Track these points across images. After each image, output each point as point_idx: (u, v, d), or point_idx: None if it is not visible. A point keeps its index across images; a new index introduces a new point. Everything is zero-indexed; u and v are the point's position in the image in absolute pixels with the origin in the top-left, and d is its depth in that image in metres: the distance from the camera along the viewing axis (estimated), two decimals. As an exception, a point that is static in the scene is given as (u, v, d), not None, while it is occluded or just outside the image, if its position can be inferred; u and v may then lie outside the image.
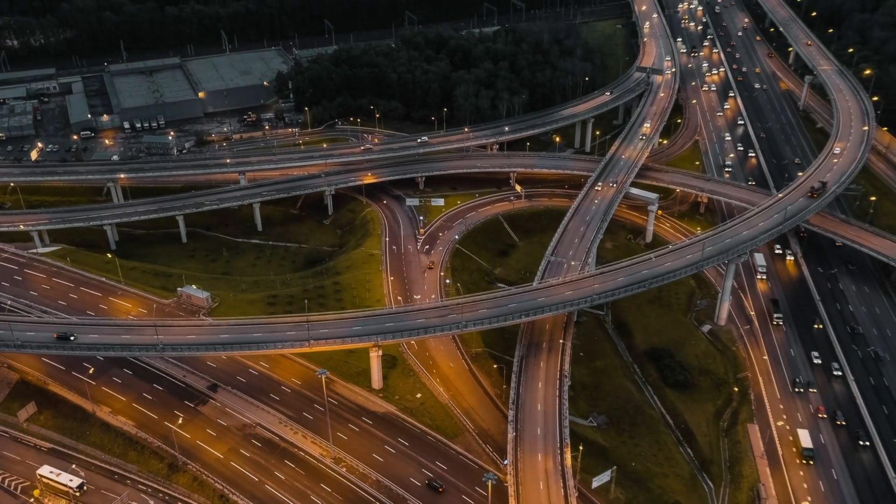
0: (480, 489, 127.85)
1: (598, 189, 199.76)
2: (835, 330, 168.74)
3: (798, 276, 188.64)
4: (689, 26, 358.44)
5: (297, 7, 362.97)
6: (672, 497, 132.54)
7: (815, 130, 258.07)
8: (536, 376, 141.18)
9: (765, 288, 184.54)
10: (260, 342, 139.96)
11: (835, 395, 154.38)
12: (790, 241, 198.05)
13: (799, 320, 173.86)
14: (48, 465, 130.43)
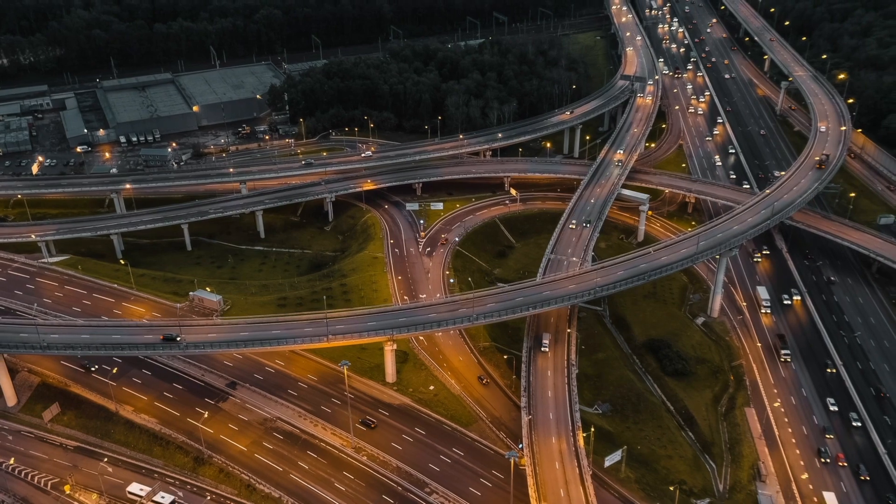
0: (497, 472, 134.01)
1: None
2: (823, 323, 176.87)
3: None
4: (672, 47, 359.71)
5: (284, 23, 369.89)
6: (677, 476, 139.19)
7: (792, 133, 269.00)
8: (545, 366, 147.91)
9: (769, 322, 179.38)
10: (279, 338, 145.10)
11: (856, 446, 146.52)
12: (775, 237, 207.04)
13: (807, 358, 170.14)
14: (137, 483, 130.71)
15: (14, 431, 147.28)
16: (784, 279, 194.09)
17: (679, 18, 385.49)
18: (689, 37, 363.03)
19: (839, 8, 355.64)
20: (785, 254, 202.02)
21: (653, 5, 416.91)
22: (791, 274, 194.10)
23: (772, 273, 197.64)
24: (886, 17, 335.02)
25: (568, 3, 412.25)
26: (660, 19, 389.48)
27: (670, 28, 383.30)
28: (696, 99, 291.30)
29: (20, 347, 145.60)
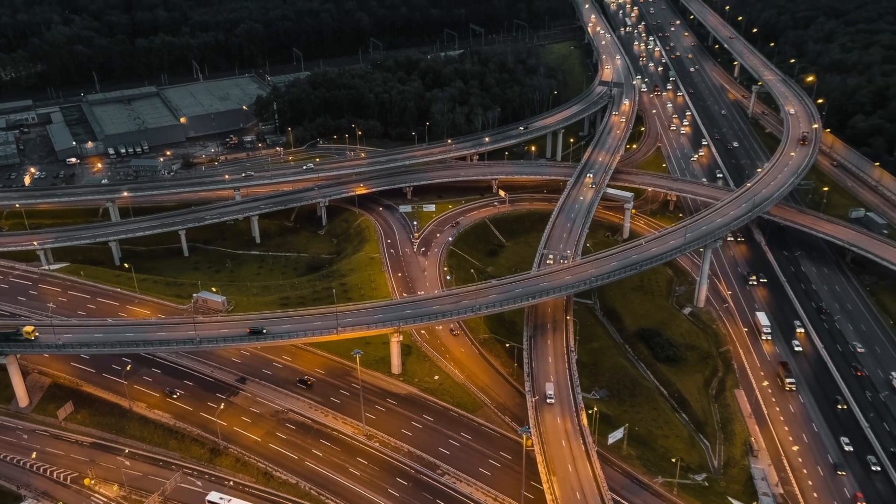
0: (505, 453, 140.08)
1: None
2: (802, 306, 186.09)
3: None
4: (649, 66, 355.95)
5: (265, 36, 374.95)
6: (675, 454, 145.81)
7: (764, 135, 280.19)
8: (546, 352, 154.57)
9: (771, 349, 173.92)
10: (291, 332, 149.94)
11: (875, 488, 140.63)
12: (753, 231, 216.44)
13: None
14: (216, 492, 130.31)
15: (29, 430, 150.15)
16: (764, 271, 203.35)
17: (654, 37, 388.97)
18: (666, 55, 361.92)
19: (802, 16, 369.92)
20: (763, 246, 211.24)
21: (627, 21, 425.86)
22: (771, 266, 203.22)
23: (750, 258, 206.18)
24: (847, 24, 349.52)
25: (542, 15, 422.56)
26: (635, 37, 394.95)
27: (647, 47, 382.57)
28: (679, 119, 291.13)
29: (35, 347, 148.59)
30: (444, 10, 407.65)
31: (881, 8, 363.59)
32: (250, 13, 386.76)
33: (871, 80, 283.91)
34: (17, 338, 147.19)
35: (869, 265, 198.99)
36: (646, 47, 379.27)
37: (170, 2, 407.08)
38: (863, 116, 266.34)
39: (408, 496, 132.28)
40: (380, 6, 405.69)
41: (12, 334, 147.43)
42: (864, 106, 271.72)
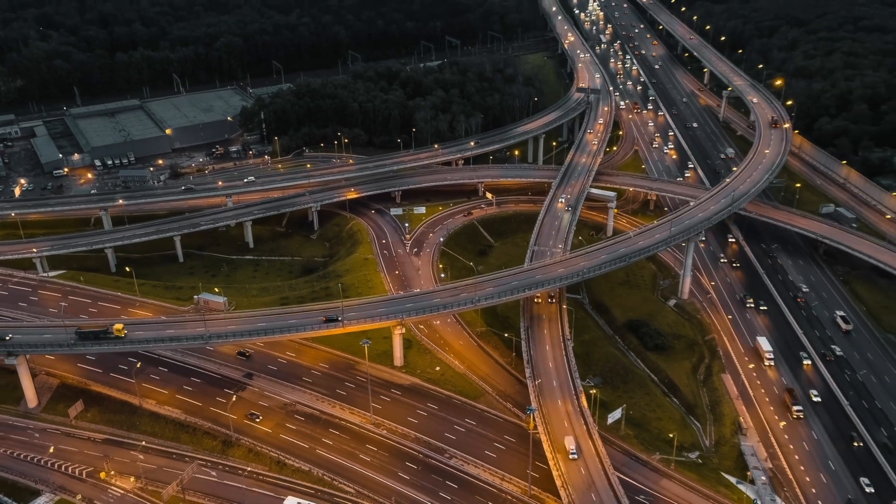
0: (508, 437, 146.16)
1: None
2: (783, 300, 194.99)
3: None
4: (628, 84, 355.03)
5: (244, 50, 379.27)
6: (668, 434, 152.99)
7: (736, 137, 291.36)
8: (543, 340, 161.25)
9: (775, 375, 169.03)
10: (297, 326, 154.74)
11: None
12: (731, 227, 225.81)
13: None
14: (293, 497, 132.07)
15: (40, 429, 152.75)
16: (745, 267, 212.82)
17: (631, 55, 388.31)
18: (644, 75, 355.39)
19: (766, 25, 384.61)
20: (742, 242, 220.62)
21: (602, 38, 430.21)
22: (749, 259, 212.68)
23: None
24: (809, 33, 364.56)
25: (515, 28, 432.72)
26: (612, 54, 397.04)
27: (625, 66, 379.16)
28: (661, 138, 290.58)
29: (48, 347, 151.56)
30: (420, 23, 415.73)
31: (840, 18, 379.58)
32: (229, 27, 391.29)
33: (834, 85, 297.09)
34: (108, 336, 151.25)
35: (841, 256, 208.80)
36: (623, 66, 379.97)
37: (147, 17, 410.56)
38: (828, 119, 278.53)
39: (418, 479, 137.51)
40: (356, 20, 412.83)
41: (102, 332, 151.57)
42: (828, 109, 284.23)
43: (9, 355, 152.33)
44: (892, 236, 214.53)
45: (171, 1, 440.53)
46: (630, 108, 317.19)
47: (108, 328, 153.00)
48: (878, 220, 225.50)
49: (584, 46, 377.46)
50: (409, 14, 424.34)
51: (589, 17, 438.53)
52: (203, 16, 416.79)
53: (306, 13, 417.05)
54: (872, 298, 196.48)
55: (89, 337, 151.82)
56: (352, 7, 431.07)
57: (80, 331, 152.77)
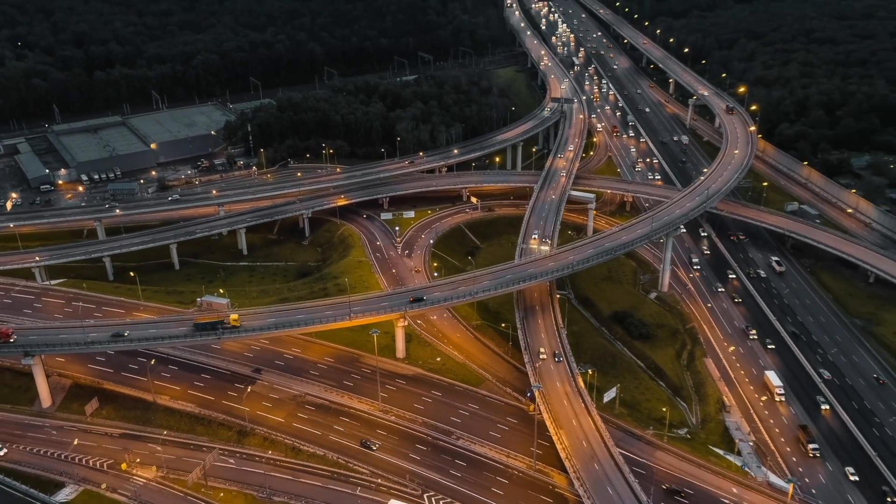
0: (511, 418, 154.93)
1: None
2: (756, 291, 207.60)
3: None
4: (605, 108, 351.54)
5: (221, 67, 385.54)
6: (658, 414, 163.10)
7: (703, 143, 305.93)
8: (538, 329, 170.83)
9: (786, 412, 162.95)
10: (306, 321, 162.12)
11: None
12: (703, 224, 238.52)
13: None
14: (395, 500, 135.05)
15: (57, 427, 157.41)
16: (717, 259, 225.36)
17: (607, 79, 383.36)
18: (621, 98, 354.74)
19: (726, 38, 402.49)
20: (714, 238, 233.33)
21: (575, 61, 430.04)
22: (723, 253, 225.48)
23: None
24: (765, 45, 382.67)
25: (485, 43, 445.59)
26: (587, 78, 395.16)
27: (601, 90, 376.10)
28: (643, 163, 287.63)
29: (64, 346, 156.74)
30: (393, 40, 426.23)
31: (793, 30, 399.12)
32: (205, 45, 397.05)
33: (792, 93, 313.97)
34: (225, 326, 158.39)
35: (807, 249, 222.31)
36: (599, 90, 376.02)
37: (122, 36, 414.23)
38: (788, 124, 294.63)
39: (429, 459, 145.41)
40: (330, 37, 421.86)
41: (219, 323, 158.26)
42: (788, 115, 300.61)
43: (25, 355, 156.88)
44: (852, 230, 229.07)
45: (144, 21, 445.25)
46: (609, 131, 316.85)
47: (224, 319, 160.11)
48: (840, 215, 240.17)
49: (553, 59, 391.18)
50: (381, 31, 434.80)
51: (560, 40, 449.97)
52: (178, 34, 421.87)
53: (281, 31, 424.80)
54: (837, 287, 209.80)
55: (206, 328, 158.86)
56: (325, 25, 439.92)
57: (197, 323, 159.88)
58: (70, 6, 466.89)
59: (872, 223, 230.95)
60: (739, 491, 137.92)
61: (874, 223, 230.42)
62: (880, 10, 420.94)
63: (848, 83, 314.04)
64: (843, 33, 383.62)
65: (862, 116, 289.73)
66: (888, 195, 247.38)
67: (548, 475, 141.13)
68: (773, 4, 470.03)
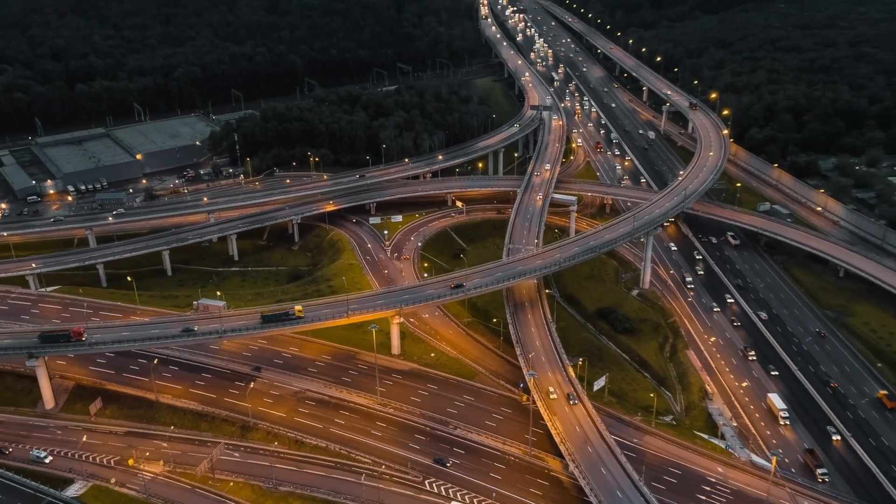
0: (505, 408, 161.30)
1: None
2: (735, 287, 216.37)
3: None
4: (588, 126, 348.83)
5: (202, 79, 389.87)
6: (644, 402, 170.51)
7: (677, 148, 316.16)
8: (528, 323, 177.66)
9: (792, 435, 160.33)
10: (305, 319, 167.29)
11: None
12: (680, 225, 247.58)
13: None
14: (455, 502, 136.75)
15: (62, 427, 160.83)
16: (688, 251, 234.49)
17: (589, 98, 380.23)
18: (603, 115, 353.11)
19: (695, 48, 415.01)
20: (691, 237, 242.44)
21: (554, 76, 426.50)
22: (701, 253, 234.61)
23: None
24: (733, 54, 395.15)
25: (462, 54, 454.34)
26: (567, 95, 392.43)
27: (583, 108, 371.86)
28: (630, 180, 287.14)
29: (68, 347, 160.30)
30: (372, 51, 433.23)
31: (760, 40, 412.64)
32: (186, 58, 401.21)
33: (760, 98, 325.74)
34: (290, 317, 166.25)
35: (779, 246, 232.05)
36: (582, 108, 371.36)
37: (101, 50, 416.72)
38: (758, 129, 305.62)
39: (428, 447, 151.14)
40: (310, 49, 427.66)
41: (285, 314, 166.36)
42: (757, 120, 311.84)
43: (29, 357, 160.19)
44: (822, 228, 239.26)
45: (122, 34, 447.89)
46: (594, 149, 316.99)
47: (288, 311, 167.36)
48: (809, 214, 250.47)
49: (530, 69, 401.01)
50: (359, 43, 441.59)
51: (539, 55, 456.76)
52: (157, 48, 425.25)
53: (260, 43, 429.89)
54: (809, 281, 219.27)
55: (273, 320, 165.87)
56: (303, 37, 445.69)
57: (265, 314, 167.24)
58: (46, 21, 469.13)
59: (840, 221, 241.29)
60: (724, 470, 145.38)
61: (842, 221, 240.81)
62: (840, 21, 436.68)
63: (813, 89, 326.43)
64: (807, 42, 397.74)
65: (827, 120, 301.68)
66: (854, 195, 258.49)
67: (543, 460, 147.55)
68: (739, 15, 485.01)
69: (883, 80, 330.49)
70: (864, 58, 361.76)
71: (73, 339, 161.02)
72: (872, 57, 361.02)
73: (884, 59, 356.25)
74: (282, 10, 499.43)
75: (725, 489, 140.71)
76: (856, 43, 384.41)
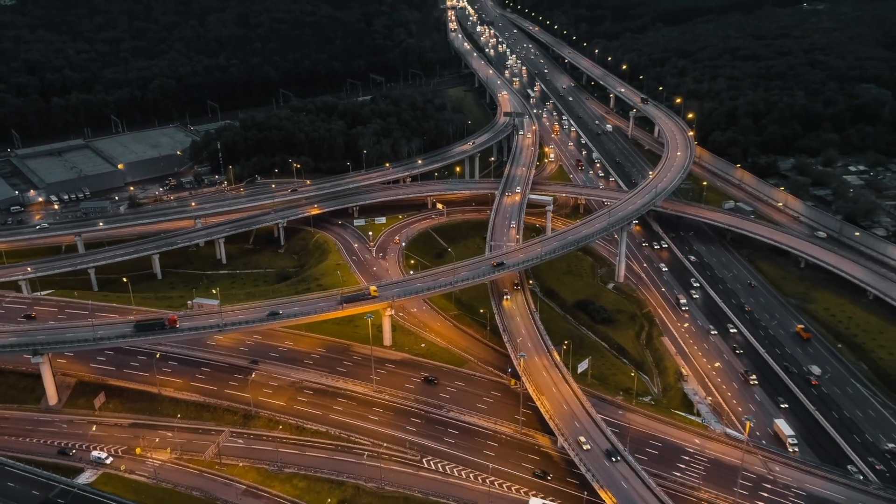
0: (495, 392, 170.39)
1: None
2: (703, 277, 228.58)
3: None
4: (569, 146, 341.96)
5: (178, 91, 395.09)
6: (625, 385, 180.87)
7: (644, 151, 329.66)
8: (513, 313, 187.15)
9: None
10: (304, 313, 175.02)
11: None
12: (650, 222, 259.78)
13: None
14: (535, 498, 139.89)
15: (66, 421, 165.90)
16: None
17: (568, 117, 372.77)
18: (583, 134, 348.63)
19: (657, 57, 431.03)
20: (661, 234, 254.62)
21: (531, 93, 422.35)
22: (671, 249, 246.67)
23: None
24: (694, 63, 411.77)
25: (433, 65, 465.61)
26: (545, 113, 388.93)
27: (562, 126, 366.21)
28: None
29: (74, 343, 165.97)
30: (345, 63, 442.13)
31: (719, 49, 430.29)
32: (161, 70, 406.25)
33: (721, 104, 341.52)
34: (367, 297, 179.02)
35: (745, 241, 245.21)
36: (561, 127, 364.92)
37: (76, 63, 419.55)
38: (720, 132, 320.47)
39: (424, 429, 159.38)
40: (283, 60, 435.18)
41: (361, 295, 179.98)
42: (719, 124, 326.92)
43: (34, 354, 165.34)
44: (783, 223, 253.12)
45: (96, 48, 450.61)
46: (575, 167, 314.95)
47: (365, 291, 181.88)
48: (771, 211, 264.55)
49: (501, 78, 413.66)
50: (331, 54, 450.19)
51: (512, 72, 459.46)
52: (132, 61, 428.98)
53: (233, 56, 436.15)
54: (773, 272, 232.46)
55: (351, 300, 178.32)
56: (275, 49, 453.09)
57: (344, 295, 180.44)
58: (17, 35, 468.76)
59: (800, 216, 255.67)
60: (701, 441, 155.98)
61: (801, 216, 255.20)
62: (794, 30, 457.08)
63: (771, 94, 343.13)
64: (764, 51, 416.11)
65: (785, 124, 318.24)
66: (812, 192, 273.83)
67: (533, 437, 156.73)
68: (698, 27, 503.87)
69: (836, 86, 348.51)
70: (818, 65, 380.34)
71: (167, 327, 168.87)
72: (825, 64, 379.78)
73: (836, 65, 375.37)
74: (252, 23, 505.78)
75: (703, 458, 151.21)
76: (810, 51, 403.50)
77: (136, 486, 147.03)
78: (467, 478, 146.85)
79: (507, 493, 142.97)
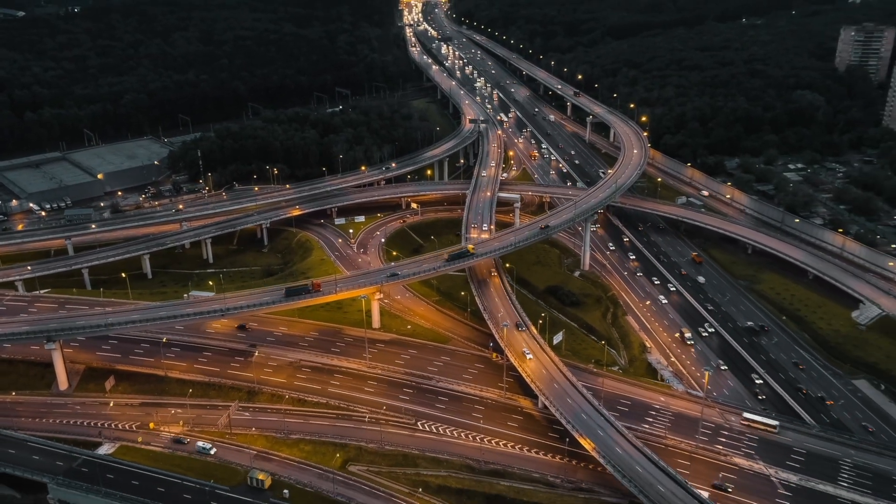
0: (478, 364, 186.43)
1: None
2: (660, 263, 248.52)
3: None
4: (551, 174, 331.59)
5: (150, 105, 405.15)
6: (596, 356, 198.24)
7: (601, 155, 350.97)
8: (491, 295, 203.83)
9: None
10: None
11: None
12: (610, 217, 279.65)
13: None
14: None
15: (79, 403, 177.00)
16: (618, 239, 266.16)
17: (547, 144, 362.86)
18: (556, 154, 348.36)
19: (610, 68, 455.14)
20: (621, 227, 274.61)
21: (505, 117, 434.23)
22: (631, 240, 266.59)
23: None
24: (644, 73, 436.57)
25: (396, 78, 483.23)
26: (521, 136, 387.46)
27: (541, 153, 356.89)
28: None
29: (85, 329, 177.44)
30: (311, 77, 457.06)
31: (666, 60, 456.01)
32: (131, 85, 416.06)
33: (671, 110, 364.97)
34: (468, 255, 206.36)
35: (697, 232, 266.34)
36: (540, 154, 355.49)
37: (44, 80, 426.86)
38: (670, 136, 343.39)
39: (416, 398, 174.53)
40: (251, 75, 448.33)
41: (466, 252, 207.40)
42: (669, 128, 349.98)
43: (48, 341, 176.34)
44: (731, 215, 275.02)
45: (62, 66, 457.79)
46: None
47: (464, 249, 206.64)
48: (719, 205, 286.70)
49: (464, 88, 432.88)
50: (298, 69, 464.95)
51: (481, 94, 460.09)
52: (100, 77, 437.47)
53: (202, 71, 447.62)
54: (724, 258, 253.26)
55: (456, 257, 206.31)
56: (242, 65, 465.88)
57: (451, 254, 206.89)
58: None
59: (746, 209, 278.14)
60: (666, 399, 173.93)
61: (747, 209, 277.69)
62: (735, 43, 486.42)
63: (716, 101, 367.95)
64: (707, 61, 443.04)
65: (729, 127, 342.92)
66: (756, 188, 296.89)
67: (516, 400, 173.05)
68: (646, 40, 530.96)
69: (774, 93, 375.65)
70: (758, 74, 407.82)
71: (312, 291, 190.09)
72: (764, 73, 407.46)
73: (774, 74, 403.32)
74: (216, 40, 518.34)
75: (668, 412, 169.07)
76: (749, 61, 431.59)
77: (154, 455, 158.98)
78: (459, 436, 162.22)
79: (495, 448, 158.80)
